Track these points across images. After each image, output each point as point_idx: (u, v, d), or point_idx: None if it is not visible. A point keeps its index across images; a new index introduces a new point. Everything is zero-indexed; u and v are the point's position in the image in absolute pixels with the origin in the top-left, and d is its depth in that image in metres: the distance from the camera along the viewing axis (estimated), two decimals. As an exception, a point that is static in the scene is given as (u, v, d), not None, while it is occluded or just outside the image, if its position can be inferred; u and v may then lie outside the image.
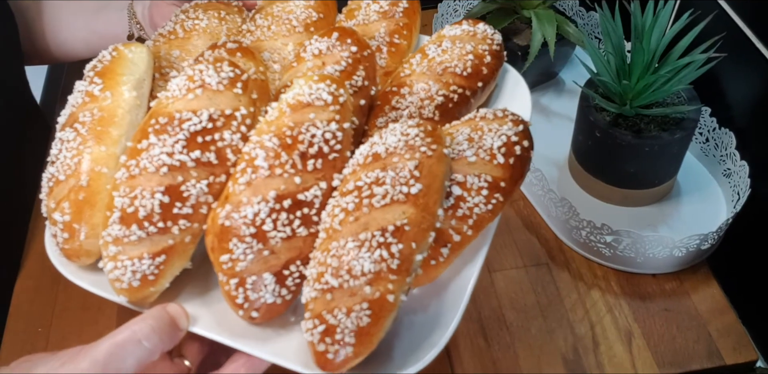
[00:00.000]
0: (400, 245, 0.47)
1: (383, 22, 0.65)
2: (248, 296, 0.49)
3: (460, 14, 1.00)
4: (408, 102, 0.59)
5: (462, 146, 0.53)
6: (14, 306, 0.75)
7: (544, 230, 0.80)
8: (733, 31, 0.74)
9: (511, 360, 0.70)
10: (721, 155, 0.80)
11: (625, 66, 0.72)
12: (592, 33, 0.95)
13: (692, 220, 0.79)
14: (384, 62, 0.64)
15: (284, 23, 0.64)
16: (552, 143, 0.86)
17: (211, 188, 0.51)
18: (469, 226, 0.51)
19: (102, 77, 0.56)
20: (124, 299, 0.52)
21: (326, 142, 0.51)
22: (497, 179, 0.52)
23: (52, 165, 0.54)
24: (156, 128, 0.51)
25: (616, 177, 0.78)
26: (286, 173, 0.50)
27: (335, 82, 0.53)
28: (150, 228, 0.50)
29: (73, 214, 0.52)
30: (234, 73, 0.53)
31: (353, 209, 0.49)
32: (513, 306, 0.74)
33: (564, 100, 0.92)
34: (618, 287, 0.75)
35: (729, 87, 0.79)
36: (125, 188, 0.50)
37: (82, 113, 0.54)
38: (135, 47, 0.58)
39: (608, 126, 0.73)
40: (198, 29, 0.65)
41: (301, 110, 0.51)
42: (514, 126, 0.54)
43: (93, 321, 0.73)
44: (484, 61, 0.62)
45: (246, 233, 0.49)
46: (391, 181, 0.49)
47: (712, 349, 0.70)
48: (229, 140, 0.52)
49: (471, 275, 0.52)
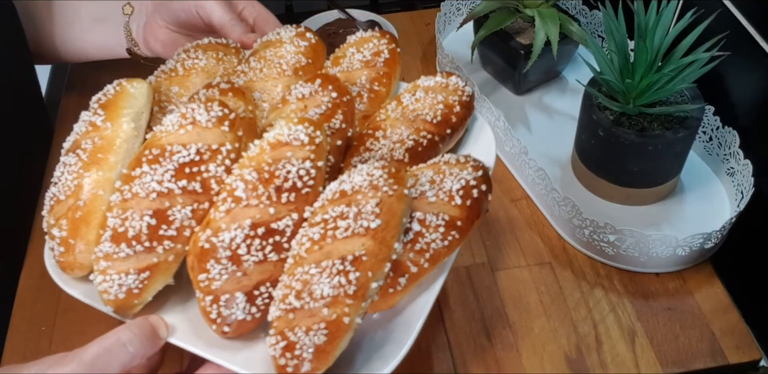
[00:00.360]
0: (358, 273, 0.52)
1: (365, 71, 0.70)
2: (221, 312, 0.55)
3: (463, 13, 1.00)
4: (381, 144, 0.65)
5: (424, 186, 0.59)
6: (17, 305, 0.75)
7: (547, 229, 0.80)
8: (737, 29, 0.74)
9: (514, 359, 0.70)
10: (725, 154, 0.80)
11: (628, 65, 0.72)
12: (595, 32, 0.95)
13: (695, 219, 0.79)
14: (363, 107, 0.69)
15: (275, 67, 0.70)
16: (555, 142, 0.86)
17: (195, 214, 0.57)
18: (425, 259, 0.57)
19: (105, 109, 0.62)
20: (110, 309, 0.57)
21: (300, 178, 0.57)
22: (454, 219, 0.58)
23: (54, 186, 0.60)
24: (149, 158, 0.57)
25: (619, 176, 0.78)
26: (261, 203, 0.56)
27: (313, 125, 0.59)
28: (137, 247, 0.56)
29: (70, 230, 0.58)
30: (222, 112, 0.59)
31: (318, 239, 0.54)
32: (516, 305, 0.74)
33: (567, 99, 0.92)
34: (621, 286, 0.75)
35: (732, 86, 0.79)
36: (118, 210, 0.56)
37: (84, 140, 0.60)
38: (137, 83, 0.64)
39: (611, 125, 0.73)
40: (197, 68, 0.71)
41: (279, 148, 0.57)
42: (474, 171, 0.60)
43: (96, 320, 0.73)
44: (454, 110, 0.67)
45: (222, 256, 0.55)
46: (354, 216, 0.54)
47: (715, 348, 0.70)
48: (213, 172, 0.58)
49: (427, 302, 0.58)
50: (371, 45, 0.72)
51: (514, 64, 0.88)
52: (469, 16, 0.87)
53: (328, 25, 0.98)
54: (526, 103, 0.92)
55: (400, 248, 0.56)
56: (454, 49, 0.94)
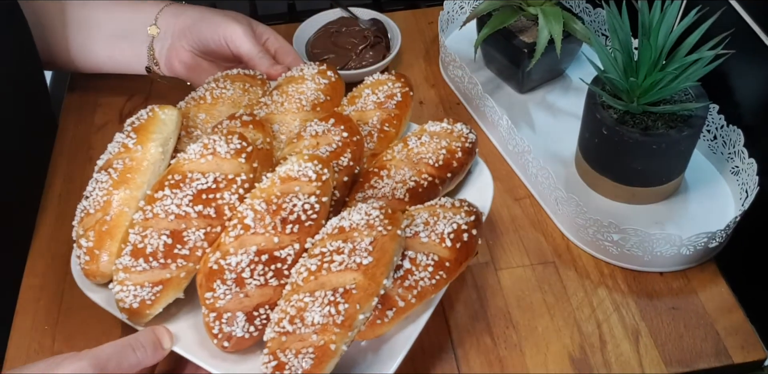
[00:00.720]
0: (347, 305, 0.57)
1: (377, 112, 0.75)
2: (222, 328, 0.60)
3: (466, 11, 1.00)
4: (384, 183, 0.69)
5: (419, 227, 0.63)
6: (20, 304, 0.75)
7: (551, 228, 0.80)
8: (742, 27, 0.73)
9: (517, 359, 0.70)
10: (729, 153, 0.79)
11: (632, 63, 0.72)
12: (599, 30, 0.95)
13: (700, 218, 0.79)
14: (372, 145, 0.74)
15: (295, 101, 0.75)
16: (558, 140, 0.86)
17: (207, 237, 0.63)
18: (413, 295, 0.61)
19: (137, 133, 0.68)
20: (125, 316, 0.64)
21: (305, 211, 0.62)
22: (443, 259, 0.62)
23: (86, 199, 0.67)
24: (171, 183, 0.63)
25: (623, 175, 0.78)
26: (267, 232, 0.61)
27: (321, 163, 0.64)
28: (153, 263, 0.62)
29: (96, 242, 0.65)
30: (241, 145, 0.65)
31: (315, 270, 0.59)
32: (519, 305, 0.73)
33: (570, 97, 0.92)
34: (625, 285, 0.75)
35: (737, 84, 0.79)
36: (139, 228, 0.63)
37: (116, 160, 0.67)
38: (168, 110, 0.70)
39: (615, 124, 0.73)
40: (224, 97, 0.77)
41: (289, 182, 0.63)
42: (467, 216, 0.65)
43: (98, 319, 0.73)
44: (456, 156, 0.72)
45: (228, 277, 0.60)
46: (349, 252, 0.59)
47: (719, 348, 0.70)
48: (227, 199, 0.63)
49: (412, 334, 0.62)
50: (386, 88, 0.77)
51: (517, 62, 0.88)
52: (472, 14, 0.87)
53: (330, 24, 0.97)
54: (529, 101, 0.92)
55: (390, 284, 0.60)
56: (457, 48, 0.94)
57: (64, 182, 0.86)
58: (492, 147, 0.88)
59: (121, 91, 0.94)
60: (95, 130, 0.92)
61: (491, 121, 0.87)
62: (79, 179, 0.86)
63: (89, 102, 0.95)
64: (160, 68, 0.87)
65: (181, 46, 0.85)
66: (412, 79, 0.96)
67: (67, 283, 0.76)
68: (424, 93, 0.95)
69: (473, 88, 0.88)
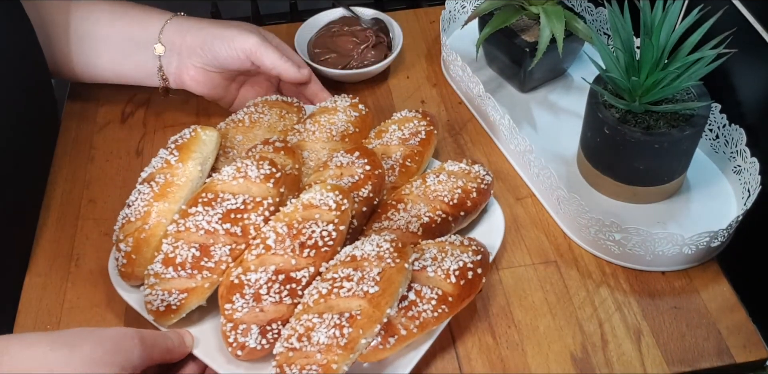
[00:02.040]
0: (351, 329, 0.61)
1: (401, 147, 0.79)
2: (237, 338, 0.65)
3: (468, 10, 1.00)
4: (400, 216, 0.73)
5: (427, 261, 0.67)
6: (23, 303, 0.75)
7: (553, 227, 0.80)
8: (744, 26, 0.73)
9: (519, 358, 0.70)
10: (731, 152, 0.79)
11: (634, 62, 0.72)
12: (601, 29, 0.95)
13: (702, 217, 0.79)
14: (393, 179, 0.78)
15: (326, 131, 0.80)
16: (560, 140, 0.86)
17: (232, 252, 0.68)
18: (415, 325, 0.64)
19: (179, 150, 0.74)
20: (152, 317, 0.69)
21: (322, 238, 0.66)
22: (446, 294, 0.66)
23: (128, 207, 0.72)
24: (204, 200, 0.69)
25: (625, 174, 0.78)
26: (286, 254, 0.66)
27: (342, 193, 0.69)
28: (181, 272, 0.67)
29: (133, 247, 0.70)
30: (270, 171, 0.70)
31: (325, 293, 0.63)
32: (521, 304, 0.73)
33: (572, 96, 0.92)
34: (627, 284, 0.74)
35: (739, 83, 0.79)
36: (172, 239, 0.68)
37: (158, 174, 0.72)
38: (209, 131, 0.76)
39: (617, 123, 0.73)
40: (261, 122, 0.82)
41: (310, 209, 0.67)
42: (474, 255, 0.68)
43: (101, 318, 0.73)
44: (470, 196, 0.75)
45: (247, 292, 0.65)
46: (358, 280, 0.63)
47: (722, 347, 0.69)
48: (253, 220, 0.68)
49: (412, 360, 0.66)
50: (411, 125, 0.81)
51: (519, 61, 0.88)
52: (473, 13, 0.87)
53: (332, 23, 0.97)
54: (531, 101, 0.92)
55: (394, 313, 0.64)
56: (459, 47, 0.94)
57: (66, 181, 0.86)
58: (494, 146, 0.88)
59: (123, 91, 0.94)
60: (97, 129, 0.92)
61: (493, 120, 0.87)
62: (81, 179, 0.86)
63: (91, 102, 0.95)
64: (168, 83, 0.87)
65: (191, 64, 0.84)
66: (414, 78, 0.96)
67: (69, 282, 0.76)
68: (425, 93, 0.95)
69: (475, 88, 0.88)
